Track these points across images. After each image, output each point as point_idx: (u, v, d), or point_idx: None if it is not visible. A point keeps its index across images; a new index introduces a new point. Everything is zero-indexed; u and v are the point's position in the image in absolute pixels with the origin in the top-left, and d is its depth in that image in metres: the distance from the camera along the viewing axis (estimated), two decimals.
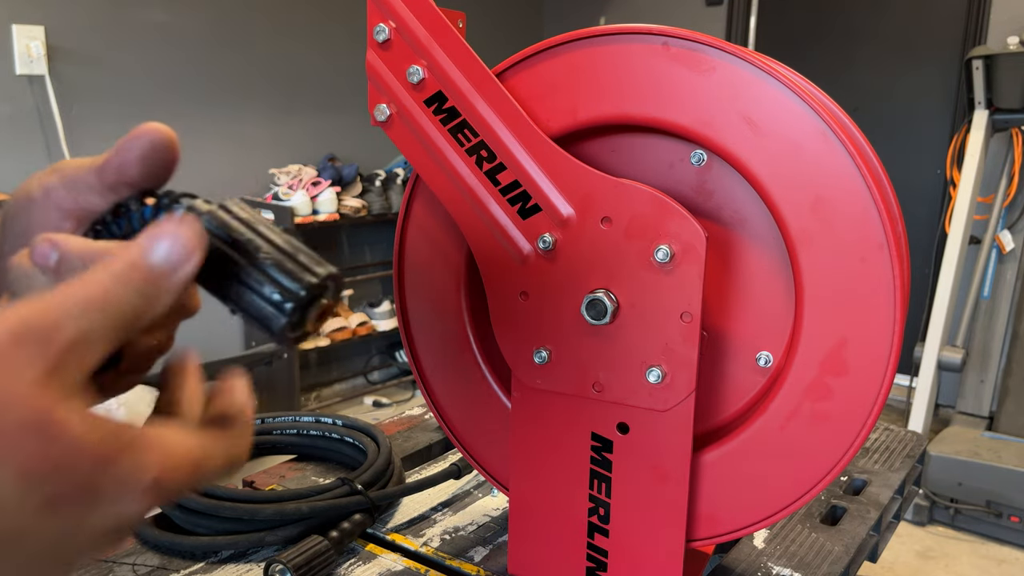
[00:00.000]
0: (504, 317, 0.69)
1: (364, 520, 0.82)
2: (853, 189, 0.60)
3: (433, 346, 0.78)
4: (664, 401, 0.65)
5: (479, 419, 0.78)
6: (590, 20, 4.49)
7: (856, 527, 0.87)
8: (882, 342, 0.60)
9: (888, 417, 3.78)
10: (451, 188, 0.68)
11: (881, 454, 1.07)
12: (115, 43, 3.08)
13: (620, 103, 0.64)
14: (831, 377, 0.62)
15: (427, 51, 0.66)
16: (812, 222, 0.61)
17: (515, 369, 0.70)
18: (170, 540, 0.80)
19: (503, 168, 0.66)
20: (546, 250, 0.66)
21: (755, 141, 0.61)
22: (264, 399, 3.72)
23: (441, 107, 0.66)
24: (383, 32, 0.67)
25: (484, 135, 0.66)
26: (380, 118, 0.68)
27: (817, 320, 0.62)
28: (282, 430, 1.01)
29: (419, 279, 0.77)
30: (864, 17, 3.91)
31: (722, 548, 0.88)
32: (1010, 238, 3.27)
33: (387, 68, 0.67)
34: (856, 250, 0.60)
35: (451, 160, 0.67)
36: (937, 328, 3.02)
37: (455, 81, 0.66)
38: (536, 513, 0.73)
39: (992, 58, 3.02)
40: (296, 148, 3.70)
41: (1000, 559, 2.67)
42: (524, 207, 0.66)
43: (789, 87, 0.60)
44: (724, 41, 0.62)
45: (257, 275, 0.36)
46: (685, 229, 0.62)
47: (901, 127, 3.86)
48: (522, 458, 0.73)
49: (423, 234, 0.75)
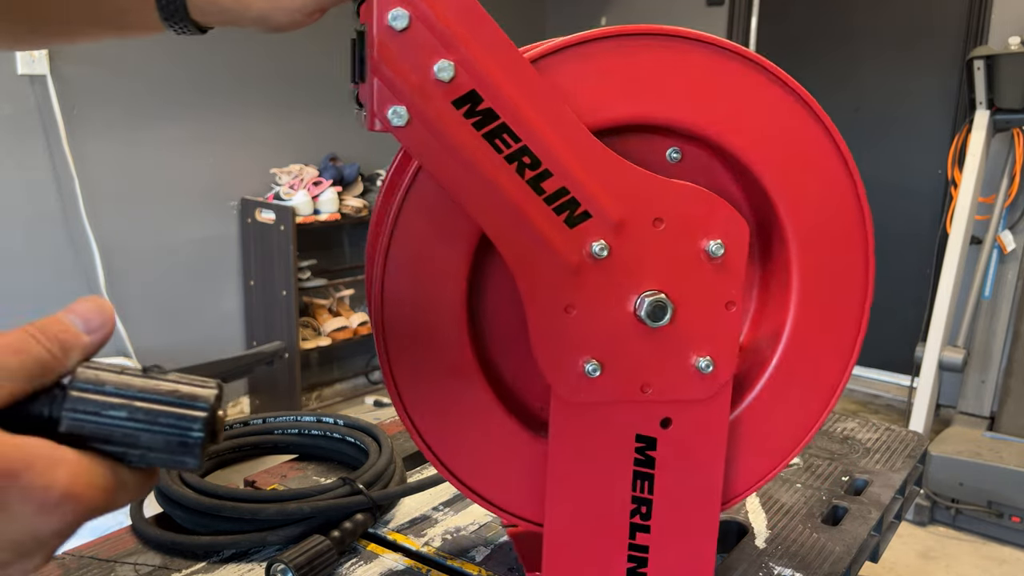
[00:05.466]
0: (547, 334, 0.64)
1: (366, 520, 0.83)
2: (847, 197, 0.69)
3: (428, 386, 0.69)
4: (710, 388, 0.68)
5: (486, 453, 0.71)
6: (591, 19, 4.49)
7: (857, 527, 0.87)
8: (855, 315, 0.72)
9: (889, 417, 3.77)
10: (485, 201, 0.60)
11: (882, 454, 1.07)
12: (116, 43, 3.08)
13: (657, 105, 0.65)
14: (814, 351, 0.72)
15: (460, 43, 0.56)
16: (811, 227, 0.69)
17: (557, 386, 0.66)
18: (172, 539, 0.80)
19: (548, 175, 0.60)
20: (599, 258, 0.63)
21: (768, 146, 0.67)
22: (265, 399, 3.72)
23: (475, 109, 0.57)
24: (402, 19, 0.55)
25: (528, 140, 0.59)
26: (397, 122, 0.56)
27: (808, 305, 0.71)
28: (283, 430, 1.01)
29: (410, 312, 0.67)
30: (865, 17, 3.91)
31: (723, 548, 0.88)
32: (1011, 238, 3.26)
33: (405, 63, 0.56)
34: (843, 249, 0.70)
35: (487, 169, 0.59)
36: (938, 328, 3.01)
37: (494, 79, 0.57)
38: (576, 529, 0.70)
39: (993, 58, 3.02)
40: (297, 148, 3.70)
41: (1001, 559, 2.67)
42: (572, 215, 0.61)
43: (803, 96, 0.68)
44: (749, 51, 0.66)
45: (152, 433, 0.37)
46: (733, 222, 0.65)
47: (902, 127, 3.86)
48: (562, 478, 0.69)
49: (417, 257, 0.66)
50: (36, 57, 2.84)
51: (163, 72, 3.22)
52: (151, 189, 3.23)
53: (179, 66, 3.26)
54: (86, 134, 3.01)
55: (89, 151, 3.02)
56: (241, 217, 3.56)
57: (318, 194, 3.49)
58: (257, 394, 3.74)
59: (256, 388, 3.73)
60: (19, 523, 0.35)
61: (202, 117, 3.37)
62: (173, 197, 3.31)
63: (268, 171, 3.59)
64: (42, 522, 0.35)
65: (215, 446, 0.41)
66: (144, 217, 3.19)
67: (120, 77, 3.09)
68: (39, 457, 0.35)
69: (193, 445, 0.37)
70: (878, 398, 4.00)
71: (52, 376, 0.38)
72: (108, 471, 0.37)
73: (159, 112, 3.21)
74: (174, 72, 3.25)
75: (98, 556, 0.78)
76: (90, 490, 0.36)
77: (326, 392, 3.98)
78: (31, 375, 0.37)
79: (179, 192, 3.32)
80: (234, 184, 3.53)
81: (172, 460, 0.38)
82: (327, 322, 3.70)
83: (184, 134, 3.31)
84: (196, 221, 3.41)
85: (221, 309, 3.59)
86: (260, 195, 3.57)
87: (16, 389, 0.36)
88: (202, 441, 0.37)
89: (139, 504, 0.85)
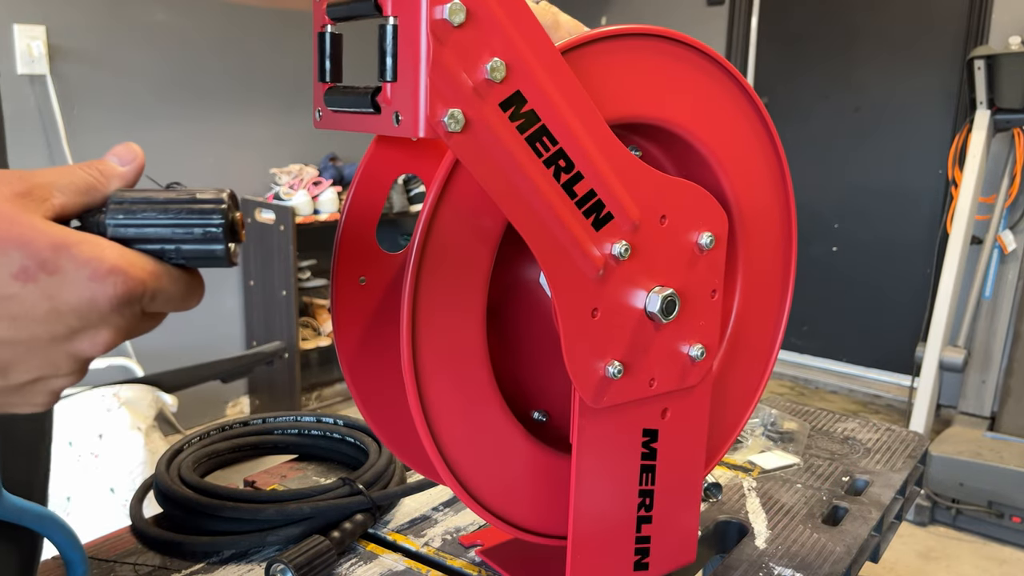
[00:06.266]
0: (577, 340, 0.63)
1: (365, 520, 0.82)
2: (780, 189, 0.75)
3: (452, 407, 0.64)
4: (701, 374, 0.71)
5: (505, 471, 0.68)
6: (591, 19, 4.49)
7: (858, 527, 0.87)
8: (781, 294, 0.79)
9: (890, 417, 3.77)
10: (526, 208, 0.57)
11: (883, 455, 1.07)
12: (116, 42, 3.09)
13: (645, 104, 0.65)
14: (757, 320, 0.78)
15: (509, 40, 0.52)
16: (753, 208, 0.74)
17: (584, 393, 0.65)
18: (172, 539, 0.80)
19: (580, 178, 0.58)
20: (621, 259, 0.62)
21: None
22: (265, 399, 3.72)
23: (519, 111, 0.54)
24: (460, 12, 0.49)
25: (564, 142, 0.56)
26: (453, 128, 0.51)
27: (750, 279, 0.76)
28: (283, 430, 1.01)
29: (441, 319, 0.63)
30: (866, 17, 3.91)
31: (723, 548, 0.88)
32: (1012, 238, 3.26)
33: (462, 62, 0.50)
34: (775, 224, 0.76)
35: (531, 174, 0.56)
36: (939, 328, 3.01)
37: (538, 79, 0.54)
38: (597, 535, 0.70)
39: (994, 58, 3.02)
40: (297, 147, 3.70)
41: (1002, 559, 2.67)
42: (598, 217, 0.60)
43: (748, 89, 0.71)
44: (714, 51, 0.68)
45: (182, 227, 0.44)
46: (718, 215, 0.69)
47: (902, 127, 3.86)
48: (587, 486, 0.68)
49: (447, 272, 0.62)
50: (36, 57, 2.84)
51: (163, 72, 3.22)
52: None
53: (179, 66, 3.26)
54: (86, 134, 3.01)
55: (89, 151, 3.01)
56: None
57: (318, 194, 3.49)
58: (257, 394, 3.74)
59: (256, 388, 3.73)
60: (76, 288, 0.41)
61: (202, 117, 3.37)
62: None
63: (268, 171, 3.59)
64: (97, 289, 0.42)
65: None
66: None
67: (120, 77, 3.09)
68: (88, 239, 0.42)
69: (216, 233, 0.44)
70: (878, 398, 4.00)
71: (98, 196, 0.45)
72: (151, 260, 0.44)
73: (159, 112, 3.21)
74: (174, 72, 3.25)
75: (98, 556, 0.78)
76: (134, 268, 0.43)
77: (326, 392, 3.97)
78: (79, 190, 0.44)
79: None
80: (234, 184, 3.53)
81: (202, 251, 0.45)
82: (327, 322, 3.70)
83: (184, 134, 3.31)
84: None
85: (221, 309, 3.59)
86: (260, 195, 3.57)
87: (67, 202, 0.44)
88: (222, 229, 0.44)
89: (139, 504, 0.85)
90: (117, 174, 0.47)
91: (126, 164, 0.47)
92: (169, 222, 0.44)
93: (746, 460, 1.03)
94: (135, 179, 0.48)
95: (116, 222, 0.44)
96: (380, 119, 0.53)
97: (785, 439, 1.08)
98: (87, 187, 0.45)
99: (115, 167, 0.47)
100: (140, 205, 0.44)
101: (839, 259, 4.13)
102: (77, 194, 0.44)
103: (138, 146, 0.48)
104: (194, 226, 0.44)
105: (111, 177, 0.46)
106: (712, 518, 0.88)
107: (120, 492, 2.27)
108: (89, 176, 0.45)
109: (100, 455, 2.28)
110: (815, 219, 4.16)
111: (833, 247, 4.14)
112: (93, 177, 0.45)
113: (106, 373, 2.80)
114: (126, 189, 0.46)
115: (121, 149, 0.48)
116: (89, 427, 2.09)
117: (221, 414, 3.64)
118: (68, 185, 0.44)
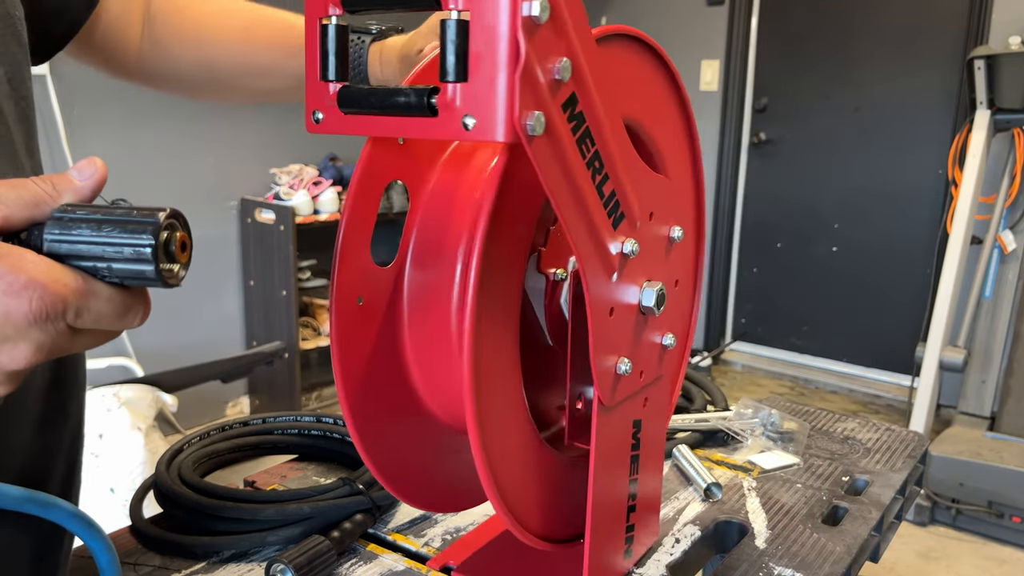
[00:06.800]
0: (601, 341, 0.63)
1: (365, 520, 0.82)
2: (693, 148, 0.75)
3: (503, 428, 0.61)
4: (675, 361, 0.74)
5: (536, 484, 0.67)
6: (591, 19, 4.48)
7: (858, 527, 0.87)
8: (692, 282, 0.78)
9: (890, 417, 3.77)
10: (576, 213, 0.56)
11: (883, 454, 1.07)
12: None
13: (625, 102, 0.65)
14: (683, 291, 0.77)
15: (572, 38, 0.50)
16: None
17: (604, 392, 0.64)
18: (172, 539, 0.79)
19: (607, 179, 0.58)
20: (630, 257, 0.63)
21: None
22: (265, 399, 3.72)
23: (573, 112, 0.52)
24: (545, 9, 0.47)
25: (600, 143, 0.56)
26: (537, 131, 0.48)
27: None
28: (283, 430, 1.01)
29: (492, 338, 0.59)
30: (866, 17, 3.91)
31: (723, 548, 0.88)
32: (1012, 238, 3.26)
33: (539, 61, 0.48)
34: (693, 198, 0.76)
35: (578, 177, 0.55)
36: (939, 328, 3.01)
37: (587, 78, 0.53)
38: (606, 534, 0.71)
39: (994, 58, 3.02)
40: (297, 147, 3.70)
41: (1002, 560, 2.67)
42: (616, 217, 0.60)
43: None
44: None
45: (112, 246, 0.44)
46: (688, 209, 0.72)
47: (903, 127, 3.86)
48: (600, 484, 0.68)
49: (494, 288, 0.59)
50: None
51: None
52: (151, 189, 3.23)
53: None
54: (86, 134, 3.01)
55: (89, 151, 3.02)
56: (241, 217, 3.56)
57: (318, 194, 3.49)
58: (257, 394, 3.74)
59: (256, 388, 3.73)
60: None
61: (202, 117, 3.37)
62: (173, 197, 3.31)
63: (268, 171, 3.59)
64: (11, 303, 0.41)
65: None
66: None
67: None
68: (11, 253, 0.42)
69: (144, 253, 0.43)
70: (878, 398, 4.00)
71: (45, 209, 0.45)
72: (79, 277, 0.44)
73: (159, 112, 3.21)
74: None
75: None
76: (56, 284, 0.42)
77: (326, 392, 3.97)
78: (25, 204, 0.44)
79: (179, 192, 3.32)
80: (234, 184, 3.53)
81: (133, 271, 0.44)
82: (327, 322, 3.70)
83: (184, 134, 3.31)
84: (196, 221, 3.36)
85: (221, 309, 3.59)
86: (260, 195, 3.57)
87: (11, 215, 0.44)
88: (153, 248, 0.43)
89: (139, 504, 0.85)
90: (72, 187, 0.46)
91: (84, 179, 0.47)
92: (100, 239, 0.44)
93: (746, 460, 1.03)
94: (92, 194, 0.47)
95: (52, 237, 0.44)
96: (435, 123, 0.49)
97: (785, 439, 1.08)
98: (35, 200, 0.45)
99: (71, 181, 0.46)
100: (76, 221, 0.44)
101: (839, 259, 4.13)
102: (23, 207, 0.44)
103: (101, 161, 0.48)
104: (124, 244, 0.44)
105: (64, 191, 0.46)
106: (712, 518, 0.88)
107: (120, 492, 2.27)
108: (39, 190, 0.45)
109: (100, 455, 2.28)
110: (815, 219, 4.16)
111: (833, 247, 4.15)
112: (43, 191, 0.45)
113: (106, 373, 2.80)
114: (74, 204, 0.45)
115: (83, 163, 0.48)
116: (89, 427, 2.09)
117: (221, 414, 3.64)
118: (15, 199, 0.44)
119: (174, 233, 0.45)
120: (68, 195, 0.46)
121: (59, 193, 0.46)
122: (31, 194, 0.45)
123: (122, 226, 0.44)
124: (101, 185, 0.47)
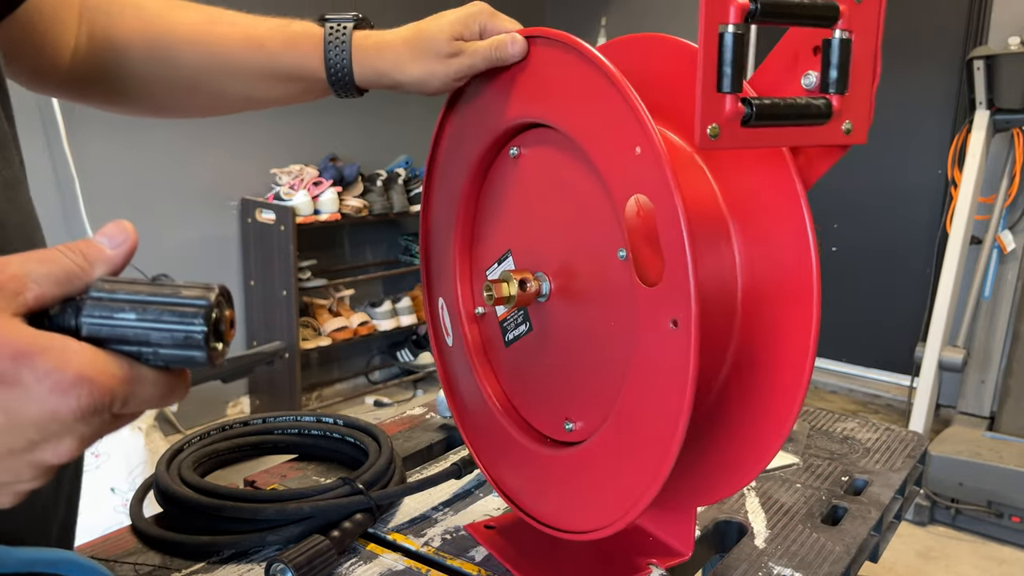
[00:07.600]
0: None
1: (365, 520, 0.83)
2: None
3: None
4: None
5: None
6: (591, 19, 4.49)
7: (857, 527, 0.87)
8: None
9: (889, 417, 3.78)
10: None
11: (882, 454, 1.07)
12: None
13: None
14: None
15: None
16: None
17: None
18: (172, 539, 0.80)
19: None
20: None
21: None
22: (265, 399, 3.72)
23: None
24: None
25: None
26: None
27: None
28: (283, 430, 1.01)
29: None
30: None
31: (723, 548, 0.88)
32: (1011, 238, 3.26)
33: None
34: None
35: None
36: (938, 328, 3.01)
37: None
38: None
39: (993, 58, 3.02)
40: (297, 148, 3.70)
41: (1001, 559, 2.67)
42: None
43: None
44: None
45: (160, 331, 0.41)
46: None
47: (902, 127, 3.86)
48: None
49: None
50: None
51: None
52: (151, 189, 3.23)
53: None
54: (86, 134, 3.01)
55: (89, 151, 3.02)
56: (241, 217, 3.56)
57: (318, 194, 3.49)
58: (257, 394, 3.74)
59: (256, 388, 3.73)
60: (37, 402, 0.38)
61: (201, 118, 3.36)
62: (173, 197, 3.31)
63: (268, 171, 3.59)
64: (59, 402, 0.38)
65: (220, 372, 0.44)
66: (144, 217, 3.19)
67: None
68: (53, 346, 0.39)
69: (197, 339, 0.41)
70: (878, 398, 4.01)
71: (79, 284, 0.42)
72: (125, 364, 0.41)
73: None
74: None
75: (98, 556, 0.78)
76: (103, 376, 0.39)
77: (326, 392, 3.98)
78: (57, 280, 0.41)
79: (179, 192, 3.33)
80: (234, 184, 3.53)
81: (182, 356, 0.41)
82: (327, 322, 3.70)
83: (184, 134, 3.31)
84: (196, 221, 3.41)
85: None
86: (260, 195, 3.57)
87: (43, 293, 0.41)
88: (205, 335, 0.41)
89: (139, 504, 0.85)
90: (103, 258, 0.43)
91: (115, 246, 0.43)
92: (147, 324, 0.41)
93: None
94: (123, 263, 0.44)
95: (92, 320, 0.41)
96: (822, 131, 0.55)
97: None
98: (67, 276, 0.41)
99: (102, 250, 0.43)
100: (119, 303, 0.41)
101: (839, 259, 4.13)
102: (55, 285, 0.41)
103: (131, 225, 0.44)
104: (174, 330, 0.41)
105: (96, 262, 0.42)
106: (711, 518, 0.88)
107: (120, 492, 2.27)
108: (71, 263, 0.42)
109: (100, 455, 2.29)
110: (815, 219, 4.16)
111: (833, 247, 4.15)
112: (75, 263, 0.42)
113: None
114: (111, 280, 0.42)
115: (112, 228, 0.44)
116: None
117: (221, 414, 3.64)
118: (46, 276, 0.41)
119: (223, 312, 0.42)
120: (100, 267, 0.42)
121: (91, 265, 0.42)
122: (62, 269, 0.41)
123: (170, 309, 0.41)
124: (132, 253, 0.44)
